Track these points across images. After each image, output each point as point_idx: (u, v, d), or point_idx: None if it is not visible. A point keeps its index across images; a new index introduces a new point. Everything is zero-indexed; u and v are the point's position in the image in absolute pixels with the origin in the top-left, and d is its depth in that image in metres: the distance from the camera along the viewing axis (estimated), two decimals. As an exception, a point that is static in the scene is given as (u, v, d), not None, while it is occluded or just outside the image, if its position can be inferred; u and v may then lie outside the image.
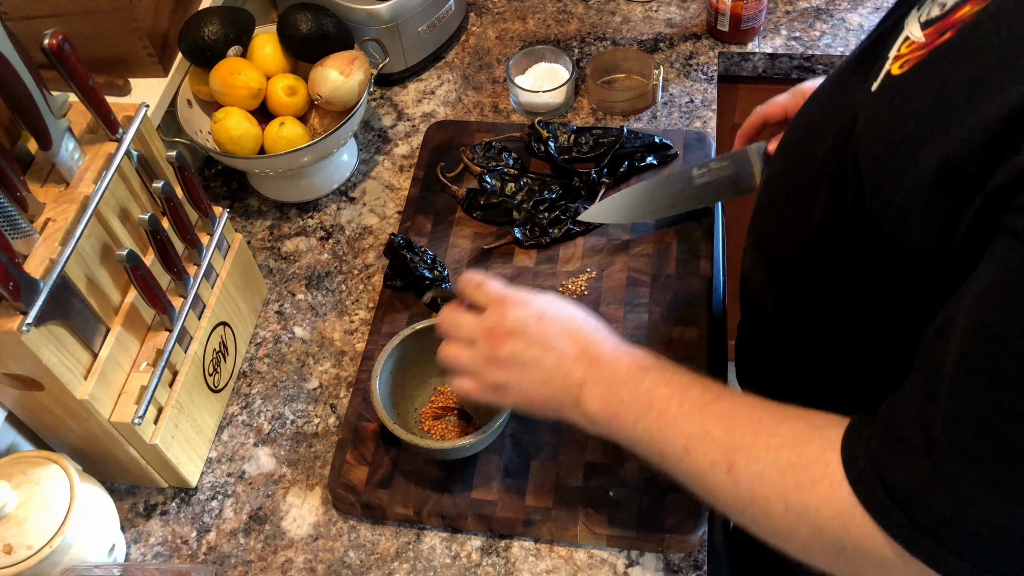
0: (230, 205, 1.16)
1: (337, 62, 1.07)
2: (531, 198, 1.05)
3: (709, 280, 0.97)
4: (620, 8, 1.32)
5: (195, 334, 0.90)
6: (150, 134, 0.86)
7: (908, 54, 0.56)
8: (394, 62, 1.22)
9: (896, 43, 0.59)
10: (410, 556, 0.84)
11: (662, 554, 0.82)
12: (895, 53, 0.58)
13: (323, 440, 0.93)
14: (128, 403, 0.81)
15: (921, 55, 0.54)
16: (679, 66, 1.23)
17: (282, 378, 0.99)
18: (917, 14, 0.58)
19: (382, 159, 1.18)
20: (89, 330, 0.78)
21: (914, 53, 0.55)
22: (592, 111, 1.19)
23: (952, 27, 0.53)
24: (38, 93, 0.72)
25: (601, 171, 1.06)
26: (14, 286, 0.68)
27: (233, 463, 0.93)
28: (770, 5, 1.29)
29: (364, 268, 1.07)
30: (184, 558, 0.87)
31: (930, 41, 0.54)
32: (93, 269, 0.79)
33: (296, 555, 0.86)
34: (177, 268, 0.85)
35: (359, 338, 1.01)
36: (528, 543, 0.84)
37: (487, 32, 1.32)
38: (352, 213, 1.13)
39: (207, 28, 1.03)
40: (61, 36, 0.72)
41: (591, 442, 0.86)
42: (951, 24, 0.53)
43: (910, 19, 0.59)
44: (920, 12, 0.58)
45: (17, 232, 0.72)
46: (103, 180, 0.78)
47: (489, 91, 1.24)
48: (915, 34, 0.56)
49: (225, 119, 1.03)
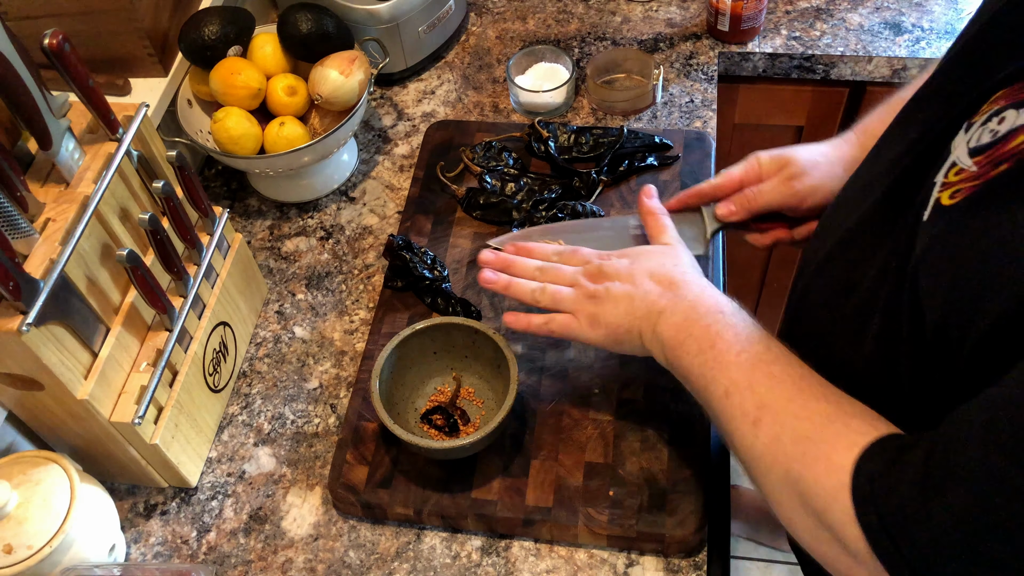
0: (230, 205, 1.16)
1: (337, 62, 1.07)
2: (531, 198, 1.05)
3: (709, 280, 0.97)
4: (620, 8, 1.32)
5: (195, 334, 0.90)
6: (150, 134, 0.86)
7: (958, 183, 0.53)
8: (394, 62, 1.22)
9: (943, 168, 0.55)
10: (410, 556, 0.84)
11: (662, 554, 0.82)
12: (942, 180, 0.55)
13: (323, 440, 0.93)
14: (128, 403, 0.81)
15: (974, 186, 0.52)
16: (679, 66, 1.23)
17: (282, 378, 0.99)
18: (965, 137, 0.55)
19: (382, 159, 1.18)
20: (89, 330, 0.78)
21: (965, 183, 0.53)
22: (592, 111, 1.19)
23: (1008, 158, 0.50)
24: (38, 93, 0.72)
25: (601, 171, 1.06)
26: (14, 286, 0.68)
27: (233, 463, 0.93)
28: (770, 5, 1.29)
29: (364, 268, 1.07)
30: (184, 558, 0.87)
31: (983, 172, 0.51)
32: (93, 269, 0.79)
33: (296, 555, 0.86)
34: (177, 268, 0.85)
35: (359, 338, 1.01)
36: (528, 543, 0.84)
37: (487, 32, 1.32)
38: (352, 213, 1.13)
39: (207, 28, 1.03)
40: (61, 36, 0.72)
41: (591, 442, 0.86)
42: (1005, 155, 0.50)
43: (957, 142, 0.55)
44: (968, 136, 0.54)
45: (17, 232, 0.72)
46: (103, 180, 0.78)
47: (489, 91, 1.24)
48: (964, 161, 0.54)
49: (225, 119, 1.03)
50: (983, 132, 0.53)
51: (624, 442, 0.86)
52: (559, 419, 0.88)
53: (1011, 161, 0.49)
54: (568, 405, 0.89)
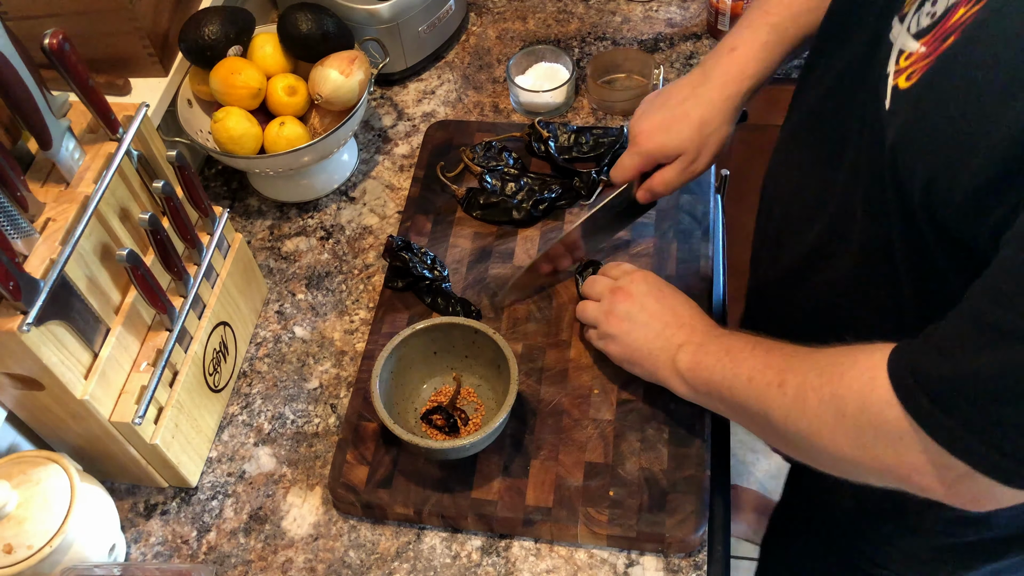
0: (230, 205, 1.16)
1: (337, 62, 1.07)
2: (531, 198, 1.05)
3: (709, 280, 0.97)
4: (620, 8, 1.32)
5: (195, 334, 0.90)
6: (150, 134, 0.86)
7: (910, 66, 0.58)
8: (394, 62, 1.22)
9: (891, 58, 0.61)
10: (410, 556, 0.84)
11: (662, 554, 0.82)
12: (894, 68, 0.60)
13: (323, 440, 0.93)
14: (128, 403, 0.81)
15: (928, 63, 0.56)
16: (679, 66, 1.23)
17: (282, 378, 0.99)
18: (903, 26, 0.60)
19: (382, 159, 1.18)
20: (89, 330, 0.78)
21: (918, 63, 0.57)
22: (592, 111, 1.19)
23: (953, 31, 0.54)
24: (38, 93, 0.72)
25: (601, 171, 1.06)
26: (14, 286, 0.68)
27: (233, 463, 0.93)
28: (770, 5, 1.29)
29: (364, 268, 1.07)
30: (184, 558, 0.87)
31: (933, 49, 0.56)
32: (93, 269, 0.79)
33: (296, 555, 0.86)
34: (177, 268, 0.85)
35: (359, 338, 1.01)
36: (528, 543, 0.84)
37: (487, 32, 1.32)
38: (352, 213, 1.13)
39: (207, 28, 1.03)
40: (61, 36, 0.72)
41: (591, 442, 0.86)
42: (950, 29, 0.55)
43: (896, 33, 0.61)
44: (907, 24, 0.60)
45: (17, 232, 0.72)
46: (103, 180, 0.78)
47: (489, 91, 1.24)
48: (911, 46, 0.59)
49: (225, 119, 1.03)
50: (920, 17, 0.58)
51: (624, 442, 0.86)
52: (559, 419, 0.88)
53: (957, 32, 0.54)
54: (568, 405, 0.89)
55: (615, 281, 0.88)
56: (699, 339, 0.80)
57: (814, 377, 0.65)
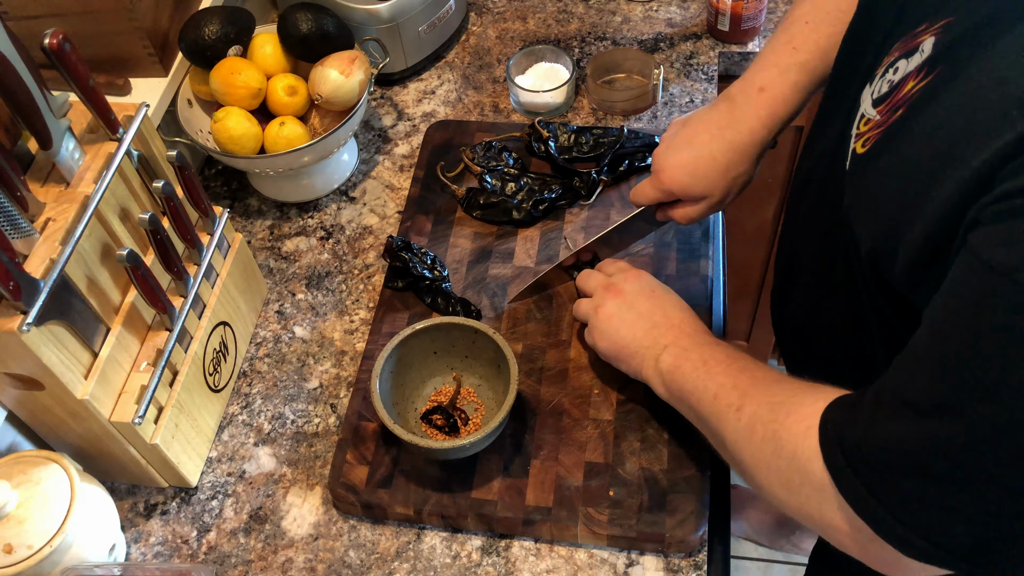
0: (230, 205, 1.16)
1: (337, 62, 1.07)
2: (531, 198, 1.05)
3: (709, 280, 0.97)
4: (620, 8, 1.32)
5: (195, 334, 0.90)
6: (150, 134, 0.86)
7: (867, 132, 0.60)
8: (394, 62, 1.22)
9: (856, 120, 0.62)
10: (410, 556, 0.84)
11: (662, 554, 0.82)
12: (855, 131, 0.62)
13: (323, 440, 0.93)
14: (128, 403, 0.81)
15: (878, 133, 0.58)
16: (679, 66, 1.23)
17: (282, 378, 0.99)
18: (870, 90, 0.61)
19: (382, 159, 1.18)
20: (89, 330, 0.78)
21: (872, 132, 0.59)
22: (592, 111, 1.19)
23: (902, 104, 0.56)
24: (38, 93, 0.72)
25: (601, 171, 1.06)
26: (14, 286, 0.68)
27: (233, 463, 0.93)
28: (770, 5, 1.29)
29: (364, 268, 1.07)
30: (184, 558, 0.87)
31: (885, 119, 0.58)
32: (93, 269, 0.79)
33: (296, 555, 0.86)
34: (177, 268, 0.85)
35: (359, 338, 1.01)
36: (528, 543, 0.84)
37: (487, 32, 1.32)
38: (352, 213, 1.13)
39: (207, 28, 1.03)
40: (61, 36, 0.72)
41: (591, 442, 0.86)
42: (900, 101, 0.56)
43: (864, 95, 0.62)
44: (873, 88, 0.61)
45: (17, 232, 0.72)
46: (103, 180, 0.78)
47: (489, 91, 1.24)
48: (869, 112, 0.60)
49: (225, 119, 1.03)
50: (882, 83, 0.60)
51: (624, 442, 0.86)
52: (559, 419, 0.88)
53: (905, 106, 0.56)
54: (568, 405, 0.89)
55: (609, 278, 0.89)
56: (685, 343, 0.79)
57: (765, 411, 0.65)
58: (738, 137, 0.83)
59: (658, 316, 0.83)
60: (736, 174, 0.85)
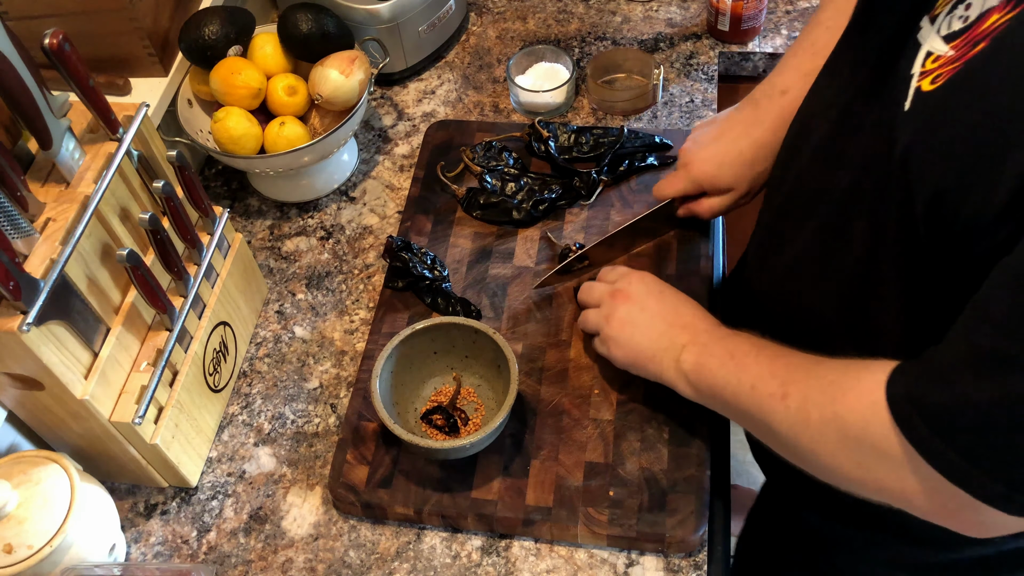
0: (230, 205, 1.16)
1: (337, 62, 1.07)
2: (531, 198, 1.05)
3: (709, 280, 0.97)
4: (620, 8, 1.32)
5: (195, 334, 0.90)
6: (150, 134, 0.86)
7: (937, 68, 0.57)
8: (394, 62, 1.22)
9: (917, 59, 0.59)
10: (410, 556, 0.84)
11: (662, 554, 0.82)
12: (919, 69, 0.58)
13: (323, 440, 0.93)
14: (128, 403, 0.81)
15: (955, 67, 0.55)
16: (679, 66, 1.23)
17: (282, 378, 0.99)
18: (933, 28, 0.59)
19: (382, 159, 1.18)
20: (89, 330, 0.78)
21: (945, 67, 0.56)
22: (592, 111, 1.19)
23: (984, 37, 0.53)
24: (38, 93, 0.72)
25: (601, 171, 1.06)
26: (14, 286, 0.68)
27: (233, 463, 0.93)
28: (770, 5, 1.29)
29: (364, 268, 1.07)
30: (184, 558, 0.87)
31: (962, 54, 0.55)
32: (93, 269, 0.79)
33: (296, 555, 0.86)
34: (177, 268, 0.85)
35: (359, 338, 1.01)
36: (528, 543, 0.84)
37: (487, 32, 1.32)
38: (352, 213, 1.13)
39: (207, 28, 1.03)
40: (61, 36, 0.72)
41: (591, 442, 0.86)
42: (981, 35, 0.54)
43: (926, 34, 0.59)
44: (937, 26, 0.58)
45: (18, 232, 0.72)
46: (103, 180, 0.78)
47: (489, 91, 1.24)
48: (940, 48, 0.57)
49: (225, 119, 1.03)
50: (952, 20, 0.57)
51: (624, 442, 0.86)
52: (559, 419, 0.88)
53: (987, 39, 0.53)
54: (568, 405, 0.89)
55: (612, 284, 0.88)
56: (704, 340, 0.79)
57: (817, 393, 0.64)
58: (763, 135, 0.87)
59: (671, 316, 0.83)
60: (761, 169, 0.88)
